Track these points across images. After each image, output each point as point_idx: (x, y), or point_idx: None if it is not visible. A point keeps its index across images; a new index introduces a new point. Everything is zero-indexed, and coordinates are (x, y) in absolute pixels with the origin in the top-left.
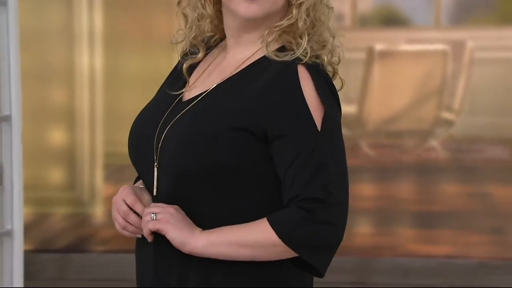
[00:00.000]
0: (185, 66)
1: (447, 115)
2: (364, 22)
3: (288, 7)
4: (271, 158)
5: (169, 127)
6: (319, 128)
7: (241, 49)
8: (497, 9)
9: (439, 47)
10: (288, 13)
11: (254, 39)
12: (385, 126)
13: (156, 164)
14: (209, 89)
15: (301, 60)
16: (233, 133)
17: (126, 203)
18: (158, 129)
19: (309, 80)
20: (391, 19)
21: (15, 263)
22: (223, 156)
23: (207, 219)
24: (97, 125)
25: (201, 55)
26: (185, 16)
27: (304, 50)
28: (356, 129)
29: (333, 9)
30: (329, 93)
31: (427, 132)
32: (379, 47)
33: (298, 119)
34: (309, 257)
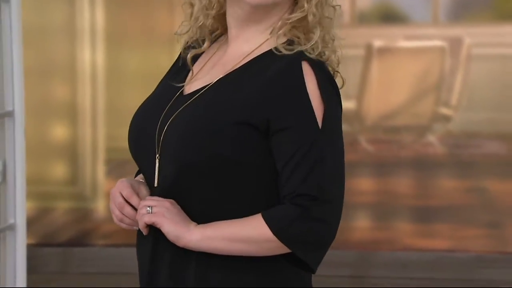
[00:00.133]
0: (189, 56)
1: (445, 111)
2: (362, 19)
3: (294, 0)
4: (272, 152)
5: (171, 120)
6: (320, 125)
7: (245, 42)
8: (494, 6)
9: (437, 43)
10: (297, 6)
11: (259, 31)
12: (384, 121)
13: (157, 156)
14: (212, 82)
15: (305, 56)
16: (236, 127)
17: (122, 196)
18: (159, 123)
19: (313, 76)
20: (389, 16)
21: (18, 256)
22: (225, 150)
23: (206, 212)
24: (98, 120)
25: (206, 45)
26: (192, 5)
27: (314, 44)
28: (355, 125)
29: (340, 7)
30: (332, 90)
31: (425, 127)
32: (377, 43)
33: (300, 114)
34: (303, 253)
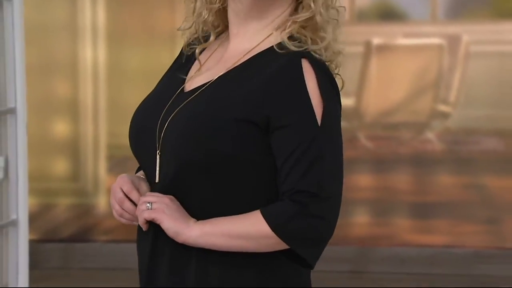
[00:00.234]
0: (198, 50)
1: (443, 108)
2: (362, 16)
3: None
4: (272, 149)
5: (171, 117)
6: (319, 122)
7: (245, 39)
8: (492, 3)
9: (435, 41)
10: (301, 5)
11: (259, 28)
12: (382, 118)
13: (158, 152)
14: (213, 79)
15: (305, 54)
16: (236, 124)
17: (122, 191)
18: (160, 119)
19: (313, 74)
20: (388, 14)
21: (20, 252)
22: (225, 147)
23: (206, 208)
24: (100, 117)
25: (212, 38)
26: (195, 0)
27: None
28: (354, 122)
29: (345, 9)
30: (331, 88)
31: (424, 124)
32: (376, 41)
33: (299, 112)
34: (301, 250)
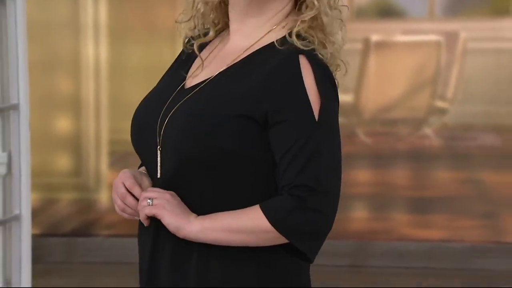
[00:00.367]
0: (196, 45)
1: (440, 104)
2: (360, 13)
3: None
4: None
5: (172, 113)
6: (317, 118)
7: (245, 36)
8: (489, 1)
9: (433, 38)
10: (305, 4)
11: (259, 24)
12: (381, 114)
13: (159, 148)
14: (212, 76)
15: (303, 50)
16: (235, 120)
17: (124, 186)
18: (161, 116)
19: (310, 70)
20: (386, 11)
21: (23, 246)
22: (225, 142)
23: (206, 203)
24: (102, 113)
25: (211, 34)
26: None
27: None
28: (352, 118)
29: (348, 8)
30: (328, 84)
31: (421, 120)
32: (375, 38)
33: (297, 107)
34: (300, 243)
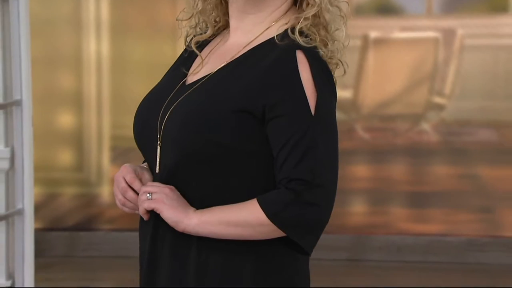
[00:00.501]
0: (193, 42)
1: (438, 100)
2: (359, 10)
3: None
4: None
5: (172, 108)
6: (313, 112)
7: (244, 33)
8: None
9: (431, 34)
10: (306, 1)
11: (257, 21)
12: (379, 110)
13: (159, 143)
14: (212, 72)
15: (301, 45)
16: (234, 115)
17: (125, 180)
18: (161, 111)
19: (307, 65)
20: (385, 8)
21: (26, 240)
22: (224, 137)
23: (206, 197)
24: (104, 109)
25: (209, 32)
26: None
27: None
28: (351, 113)
29: (348, 5)
30: (325, 79)
31: (419, 116)
32: (373, 34)
33: (293, 102)
34: (297, 236)
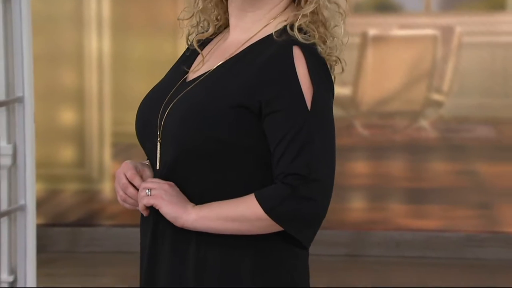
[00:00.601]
0: (195, 40)
1: (436, 97)
2: (358, 8)
3: None
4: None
5: (171, 105)
6: (309, 107)
7: (243, 30)
8: None
9: (429, 32)
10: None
11: (256, 19)
12: (378, 107)
13: (159, 139)
14: (211, 69)
15: (297, 41)
16: (232, 110)
17: (126, 177)
18: (161, 108)
19: (303, 60)
20: (384, 6)
21: (28, 236)
22: (222, 133)
23: (205, 193)
24: (105, 105)
25: (211, 30)
26: None
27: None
28: (350, 110)
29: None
30: (322, 74)
31: (418, 112)
32: (372, 32)
33: (289, 97)
34: (294, 231)
